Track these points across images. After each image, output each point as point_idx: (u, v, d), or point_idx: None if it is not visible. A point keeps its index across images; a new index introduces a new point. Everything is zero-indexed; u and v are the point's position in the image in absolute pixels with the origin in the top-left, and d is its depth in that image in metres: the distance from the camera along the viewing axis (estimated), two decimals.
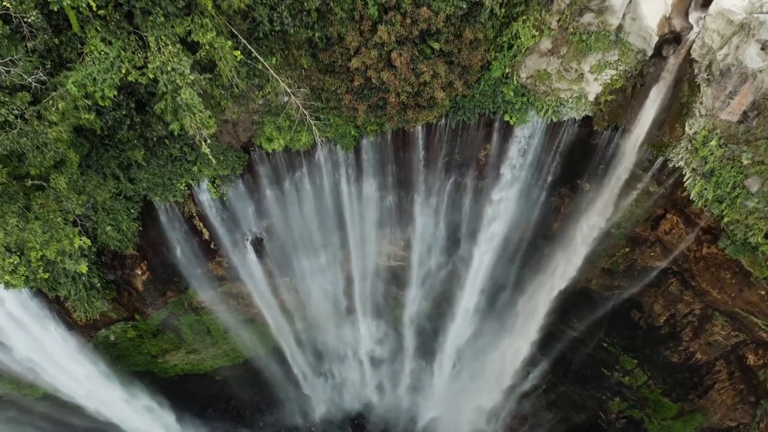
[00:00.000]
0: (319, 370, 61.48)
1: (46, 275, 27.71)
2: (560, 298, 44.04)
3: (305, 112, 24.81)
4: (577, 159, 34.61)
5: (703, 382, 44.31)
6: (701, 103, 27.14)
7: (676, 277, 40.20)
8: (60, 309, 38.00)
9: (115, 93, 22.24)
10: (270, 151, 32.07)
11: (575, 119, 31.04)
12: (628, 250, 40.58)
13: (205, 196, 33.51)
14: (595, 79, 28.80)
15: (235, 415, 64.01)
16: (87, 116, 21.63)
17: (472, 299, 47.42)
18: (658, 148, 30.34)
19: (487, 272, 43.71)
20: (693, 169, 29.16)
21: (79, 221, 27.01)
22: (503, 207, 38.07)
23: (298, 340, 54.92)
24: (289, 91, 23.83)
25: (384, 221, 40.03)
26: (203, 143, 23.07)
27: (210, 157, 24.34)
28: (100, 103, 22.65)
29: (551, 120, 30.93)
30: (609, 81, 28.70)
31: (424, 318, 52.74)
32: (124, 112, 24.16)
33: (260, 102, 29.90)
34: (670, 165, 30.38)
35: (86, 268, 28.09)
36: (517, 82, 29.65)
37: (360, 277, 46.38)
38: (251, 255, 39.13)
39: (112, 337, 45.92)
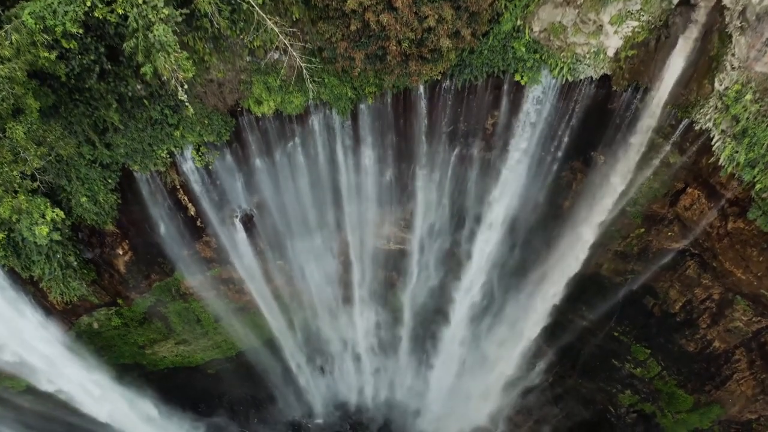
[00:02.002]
0: (316, 364, 58.96)
1: (1, 236, 25.08)
2: (569, 284, 41.57)
3: (294, 53, 22.21)
4: (591, 127, 32.08)
5: (720, 372, 41.82)
6: (733, 54, 24.65)
7: (694, 260, 37.77)
8: (36, 291, 35.33)
9: (81, 31, 19.68)
10: (259, 115, 29.54)
11: (592, 78, 28.51)
12: (643, 230, 38.12)
13: (189, 165, 30.93)
14: (615, 32, 26.28)
15: (229, 410, 61.62)
16: (46, 54, 19.06)
17: (476, 285, 44.81)
18: (683, 109, 27.81)
19: (493, 254, 41.13)
20: (722, 130, 26.70)
21: (37, 174, 24.29)
22: (511, 182, 35.55)
23: (293, 330, 52.43)
24: (276, 30, 21.23)
25: (383, 198, 37.43)
26: (180, 89, 20.48)
27: (188, 105, 21.76)
28: (65, 45, 20.12)
29: (566, 79, 28.40)
30: (630, 34, 26.18)
31: (425, 306, 50.21)
32: (92, 58, 21.58)
33: (248, 59, 27.40)
34: (696, 128, 27.89)
35: (47, 231, 25.42)
36: (530, 37, 27.11)
37: (358, 261, 43.80)
38: (241, 234, 36.51)
39: (96, 325, 43.31)
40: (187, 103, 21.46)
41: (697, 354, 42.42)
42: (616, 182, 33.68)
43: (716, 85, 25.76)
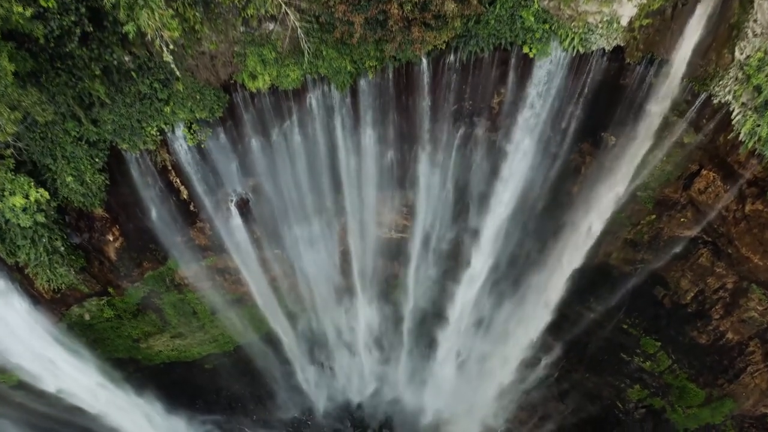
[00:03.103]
0: (316, 359, 57.47)
1: None
2: (576, 275, 40.15)
3: (289, 11, 20.75)
4: (602, 105, 30.65)
5: (734, 364, 40.41)
6: (755, 20, 23.21)
7: (707, 247, 36.41)
8: (23, 279, 33.90)
9: None
10: (254, 90, 28.10)
11: (604, 50, 27.04)
12: (654, 216, 36.72)
13: (181, 144, 29.49)
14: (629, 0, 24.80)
15: (227, 407, 60.21)
16: (20, 10, 17.67)
17: (480, 275, 43.27)
18: (701, 82, 26.35)
19: (497, 243, 39.60)
20: (743, 103, 25.27)
21: (11, 141, 22.87)
22: (518, 166, 34.06)
23: (291, 323, 51.04)
24: None
25: (384, 182, 35.93)
26: (165, 49, 19.05)
27: (174, 67, 20.33)
28: (42, 3, 18.71)
29: (577, 51, 26.90)
30: (645, 1, 24.70)
31: (427, 298, 48.76)
32: (73, 19, 20.17)
33: (241, 29, 25.98)
34: (715, 101, 26.43)
35: (22, 201, 24.02)
36: (539, 5, 25.66)
37: (358, 251, 42.29)
38: (236, 219, 35.03)
39: (87, 317, 41.88)
40: (173, 65, 20.09)
41: (709, 346, 41.01)
42: (627, 165, 32.27)
43: (737, 54, 24.32)
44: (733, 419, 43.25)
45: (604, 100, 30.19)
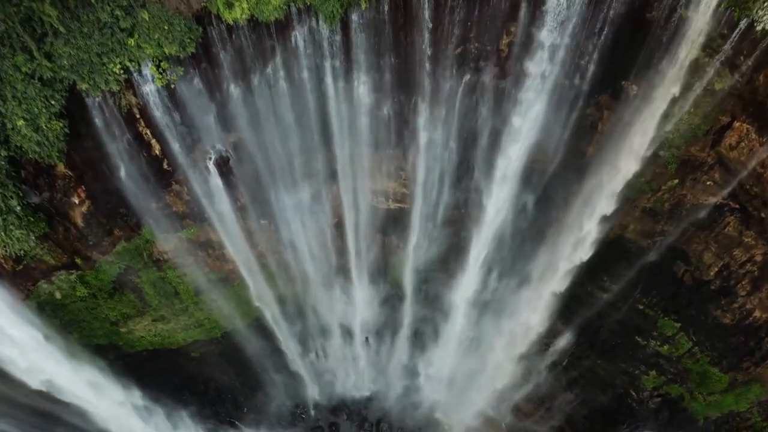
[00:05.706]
0: (309, 346, 54.27)
1: None
2: (588, 250, 37.00)
3: None
4: (624, 47, 27.48)
5: (761, 345, 37.59)
6: None
7: (735, 215, 33.42)
8: None
9: None
10: (231, 23, 24.73)
11: None
12: (676, 181, 33.48)
13: (149, 88, 26.09)
14: None
15: (216, 398, 57.24)
16: None
17: (484, 251, 40.06)
18: (742, 6, 22.99)
19: (505, 211, 36.37)
20: None
21: None
22: (528, 118, 30.78)
23: (282, 306, 47.86)
24: None
25: (380, 139, 32.67)
26: None
27: None
28: None
29: None
30: None
31: (427, 278, 45.80)
32: None
33: None
34: (758, 29, 23.09)
35: None
36: None
37: (352, 224, 38.98)
38: (216, 179, 31.67)
39: (58, 295, 38.58)
40: None
41: (734, 326, 38.13)
42: (649, 119, 29.00)
43: None
44: (759, 406, 40.28)
45: (627, 39, 27.05)
